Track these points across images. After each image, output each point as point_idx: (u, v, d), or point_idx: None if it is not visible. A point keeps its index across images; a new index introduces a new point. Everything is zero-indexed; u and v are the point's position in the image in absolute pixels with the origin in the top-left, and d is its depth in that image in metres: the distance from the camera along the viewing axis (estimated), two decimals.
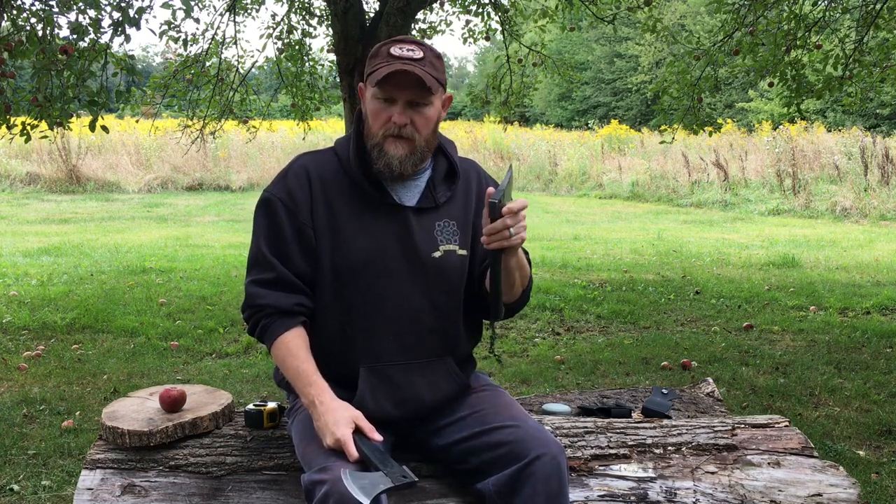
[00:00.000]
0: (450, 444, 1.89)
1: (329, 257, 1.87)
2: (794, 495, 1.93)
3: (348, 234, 1.86)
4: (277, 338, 1.84)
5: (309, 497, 1.67)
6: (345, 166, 1.90)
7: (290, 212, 1.85)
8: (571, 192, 17.99)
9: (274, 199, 1.86)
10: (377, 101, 1.83)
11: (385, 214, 1.88)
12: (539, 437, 1.79)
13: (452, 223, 1.95)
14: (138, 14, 4.38)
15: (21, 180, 16.53)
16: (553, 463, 1.75)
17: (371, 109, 1.85)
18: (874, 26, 6.04)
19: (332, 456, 1.71)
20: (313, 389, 1.79)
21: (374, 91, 1.83)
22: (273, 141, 18.81)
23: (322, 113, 8.47)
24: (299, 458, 1.86)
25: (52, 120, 4.65)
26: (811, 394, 4.12)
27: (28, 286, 6.85)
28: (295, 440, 1.91)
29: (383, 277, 1.87)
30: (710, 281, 7.26)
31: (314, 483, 1.66)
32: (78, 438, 3.45)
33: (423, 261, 1.90)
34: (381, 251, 1.87)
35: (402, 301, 1.89)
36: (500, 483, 1.76)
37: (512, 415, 1.87)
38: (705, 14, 24.84)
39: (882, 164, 13.24)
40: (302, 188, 1.87)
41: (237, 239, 10.33)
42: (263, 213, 1.89)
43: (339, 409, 1.75)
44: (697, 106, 6.71)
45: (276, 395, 4.13)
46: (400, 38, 1.86)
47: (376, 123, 1.84)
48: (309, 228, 1.86)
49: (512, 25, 7.93)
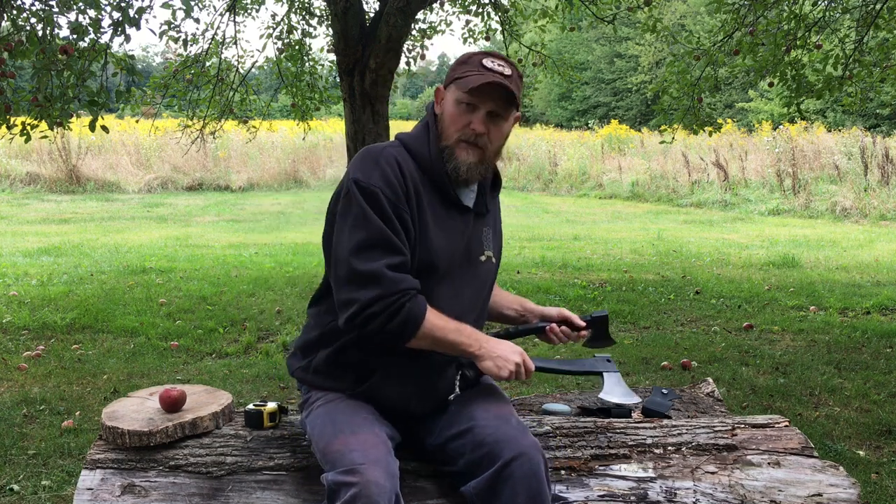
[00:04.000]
0: (441, 443, 1.91)
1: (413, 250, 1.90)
2: (794, 495, 1.93)
3: (431, 230, 1.89)
4: (426, 315, 1.82)
5: (332, 497, 1.68)
6: (422, 163, 1.91)
7: (392, 203, 1.83)
8: (571, 192, 17.99)
9: (376, 189, 1.82)
10: (460, 106, 1.88)
11: (456, 214, 1.95)
12: (515, 438, 1.80)
13: (490, 230, 2.05)
14: (138, 14, 4.38)
15: (21, 180, 16.54)
16: (530, 464, 1.76)
17: (450, 113, 1.90)
18: (874, 26, 6.04)
19: (360, 456, 1.70)
20: (479, 337, 1.88)
21: (460, 96, 1.88)
22: (273, 141, 18.82)
23: (322, 113, 8.46)
24: (319, 453, 1.84)
25: (52, 120, 4.65)
26: (811, 394, 4.12)
27: (28, 286, 6.85)
28: (313, 435, 1.89)
29: (447, 275, 1.93)
30: (710, 281, 7.26)
31: (340, 484, 1.67)
32: (78, 438, 3.45)
33: (473, 263, 1.99)
34: (451, 250, 1.93)
35: (456, 299, 1.95)
36: (479, 486, 1.79)
37: (497, 412, 1.91)
38: (705, 14, 24.83)
39: (882, 164, 13.24)
40: (398, 180, 1.85)
41: (237, 239, 10.33)
42: (367, 202, 1.82)
43: (507, 343, 1.91)
44: (697, 106, 6.71)
45: (276, 395, 4.13)
46: (492, 52, 1.94)
47: (453, 126, 1.89)
48: (408, 220, 1.86)
49: (512, 25, 7.93)
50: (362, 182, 1.83)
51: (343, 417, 1.86)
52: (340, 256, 1.83)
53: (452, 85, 1.90)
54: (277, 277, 7.37)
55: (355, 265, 1.80)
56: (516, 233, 10.80)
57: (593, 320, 2.20)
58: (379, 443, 1.77)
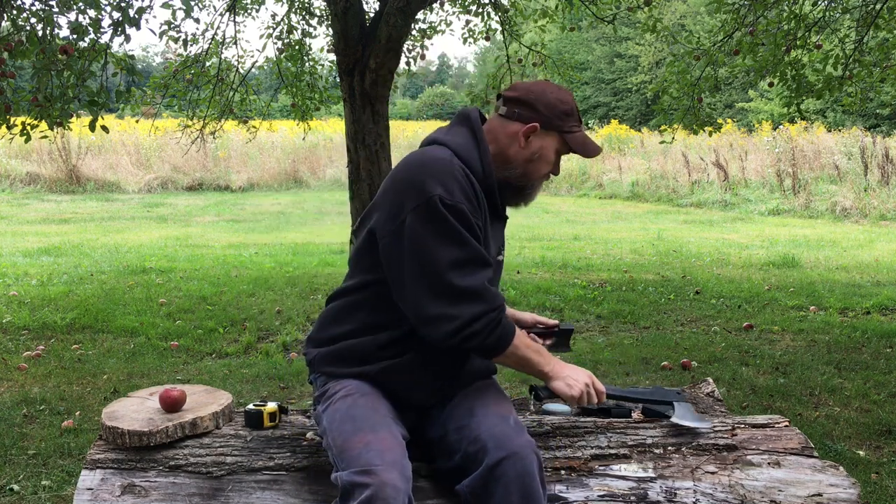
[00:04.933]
0: (441, 435, 1.93)
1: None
2: (794, 495, 1.93)
3: (489, 238, 1.96)
4: (516, 332, 1.90)
5: (345, 497, 1.68)
6: (475, 173, 1.94)
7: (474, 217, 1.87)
8: (571, 192, 17.99)
9: (462, 207, 1.84)
10: (557, 155, 2.01)
11: (498, 221, 2.06)
12: (510, 437, 1.81)
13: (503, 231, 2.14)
14: (138, 14, 4.38)
15: (21, 180, 16.54)
16: (523, 463, 1.76)
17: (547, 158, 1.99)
18: (874, 26, 6.04)
19: (377, 457, 1.70)
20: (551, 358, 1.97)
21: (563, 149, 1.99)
22: (273, 141, 18.82)
23: (322, 113, 8.47)
24: (334, 450, 1.82)
25: (52, 120, 4.65)
26: (811, 394, 4.12)
27: (28, 286, 6.85)
28: (329, 430, 1.87)
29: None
30: (710, 281, 7.26)
31: (355, 485, 1.66)
32: (78, 438, 3.45)
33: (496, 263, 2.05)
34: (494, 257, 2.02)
35: None
36: (473, 485, 1.79)
37: (496, 410, 1.92)
38: (705, 14, 24.83)
39: (882, 164, 13.25)
40: (472, 195, 1.89)
41: (237, 239, 10.34)
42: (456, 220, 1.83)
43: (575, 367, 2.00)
44: (697, 106, 6.71)
45: (276, 395, 4.13)
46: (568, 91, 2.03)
47: (544, 166, 2.00)
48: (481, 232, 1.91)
49: (512, 25, 7.93)
50: (447, 200, 1.82)
51: (363, 413, 1.85)
52: (431, 271, 1.82)
53: (557, 134, 1.97)
54: (277, 277, 7.37)
55: (455, 281, 1.81)
56: (516, 233, 10.80)
57: (562, 331, 2.28)
58: (396, 444, 1.77)
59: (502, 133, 1.97)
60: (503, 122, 1.98)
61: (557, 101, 1.95)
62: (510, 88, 2.02)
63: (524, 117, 1.95)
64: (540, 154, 1.97)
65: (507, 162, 1.97)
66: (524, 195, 2.03)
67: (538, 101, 1.94)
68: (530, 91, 1.96)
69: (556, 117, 1.94)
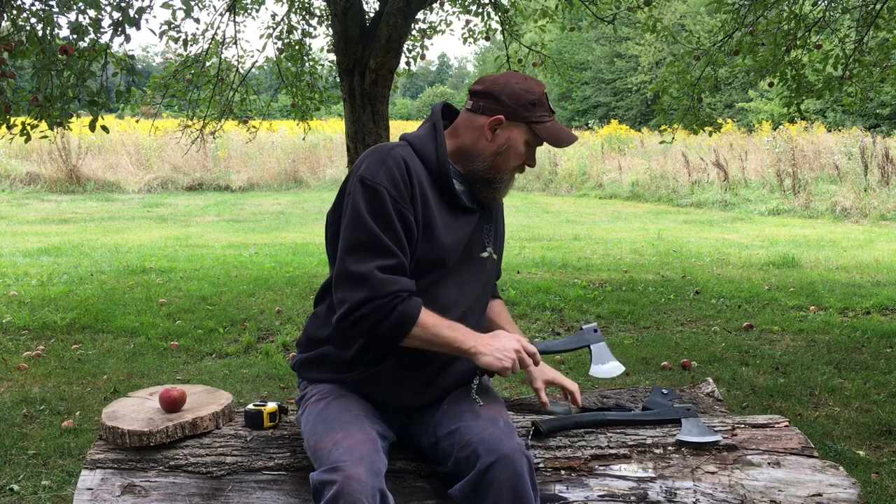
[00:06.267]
0: (434, 442, 1.92)
1: (416, 249, 1.90)
2: (794, 495, 1.93)
3: (437, 230, 1.91)
4: (419, 316, 1.83)
5: (317, 496, 1.67)
6: (428, 165, 1.93)
7: (395, 202, 1.84)
8: (571, 192, 17.99)
9: (380, 188, 1.83)
10: (529, 148, 1.98)
11: (460, 213, 1.99)
12: (500, 440, 1.79)
13: (492, 228, 2.09)
14: (138, 14, 4.38)
15: (21, 180, 16.54)
16: (514, 466, 1.76)
17: (517, 151, 1.96)
18: (874, 26, 6.04)
19: (345, 454, 1.71)
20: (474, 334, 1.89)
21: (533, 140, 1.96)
22: (273, 141, 18.83)
23: (322, 113, 8.46)
24: (309, 452, 1.85)
25: (52, 120, 4.64)
26: (811, 394, 4.11)
27: (28, 286, 6.85)
28: (305, 433, 1.90)
29: (451, 273, 1.97)
30: (710, 281, 7.26)
31: (324, 483, 1.66)
32: (78, 438, 3.45)
33: (475, 259, 2.03)
34: (456, 247, 1.96)
35: (461, 296, 1.99)
36: (464, 489, 1.79)
37: (486, 414, 1.91)
38: (705, 14, 24.84)
39: (882, 164, 13.24)
40: (403, 179, 1.86)
41: (237, 239, 10.34)
42: (370, 201, 1.84)
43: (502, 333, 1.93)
44: (697, 106, 6.71)
45: (276, 395, 4.13)
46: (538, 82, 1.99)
47: (515, 161, 1.97)
48: (411, 219, 1.87)
49: (512, 25, 7.93)
50: (368, 180, 1.84)
51: (334, 415, 1.87)
52: (340, 255, 1.86)
53: (525, 126, 1.94)
54: (277, 277, 7.37)
55: (348, 265, 1.82)
56: (516, 233, 10.80)
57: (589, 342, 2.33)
58: (366, 440, 1.77)
59: (470, 127, 1.97)
60: (470, 116, 1.97)
61: (523, 92, 1.93)
62: (477, 82, 2.01)
63: (489, 110, 1.94)
64: (508, 146, 1.95)
65: (474, 155, 1.96)
66: (494, 188, 1.99)
67: (502, 92, 1.92)
68: (495, 83, 1.95)
69: (521, 108, 1.92)
